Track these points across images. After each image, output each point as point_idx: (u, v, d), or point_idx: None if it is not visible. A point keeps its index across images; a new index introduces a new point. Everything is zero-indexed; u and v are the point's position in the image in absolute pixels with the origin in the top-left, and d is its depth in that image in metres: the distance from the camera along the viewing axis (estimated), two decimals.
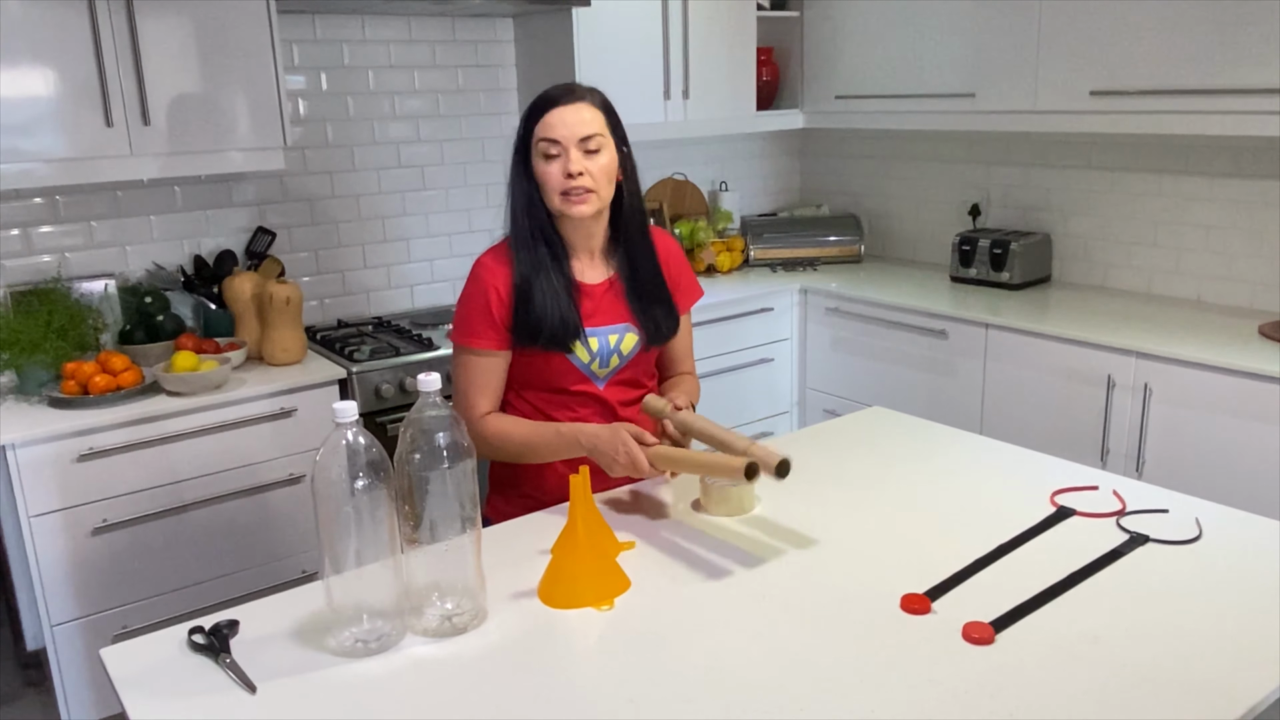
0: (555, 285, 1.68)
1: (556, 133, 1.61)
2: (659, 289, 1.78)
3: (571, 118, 1.61)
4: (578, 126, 1.61)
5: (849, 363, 3.37)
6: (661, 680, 1.18)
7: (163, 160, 2.48)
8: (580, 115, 1.62)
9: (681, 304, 1.85)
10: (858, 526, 1.56)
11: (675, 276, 1.84)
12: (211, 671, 1.23)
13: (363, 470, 1.22)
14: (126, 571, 2.37)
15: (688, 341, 1.92)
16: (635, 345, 1.76)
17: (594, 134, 1.62)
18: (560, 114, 1.61)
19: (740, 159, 4.04)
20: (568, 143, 1.61)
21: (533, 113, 1.64)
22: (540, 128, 1.62)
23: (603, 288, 1.75)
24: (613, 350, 1.75)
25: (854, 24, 3.49)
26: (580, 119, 1.61)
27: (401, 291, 3.29)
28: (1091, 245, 3.25)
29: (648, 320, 1.76)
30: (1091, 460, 2.70)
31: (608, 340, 1.74)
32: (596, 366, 1.75)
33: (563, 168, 1.62)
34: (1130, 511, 1.58)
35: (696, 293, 1.90)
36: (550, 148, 1.62)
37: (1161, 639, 1.22)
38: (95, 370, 2.35)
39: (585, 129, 1.62)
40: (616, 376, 1.78)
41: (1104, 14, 2.76)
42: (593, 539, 1.40)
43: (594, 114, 1.64)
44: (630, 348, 1.76)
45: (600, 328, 1.74)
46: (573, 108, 1.62)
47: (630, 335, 1.75)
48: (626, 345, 1.76)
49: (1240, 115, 2.52)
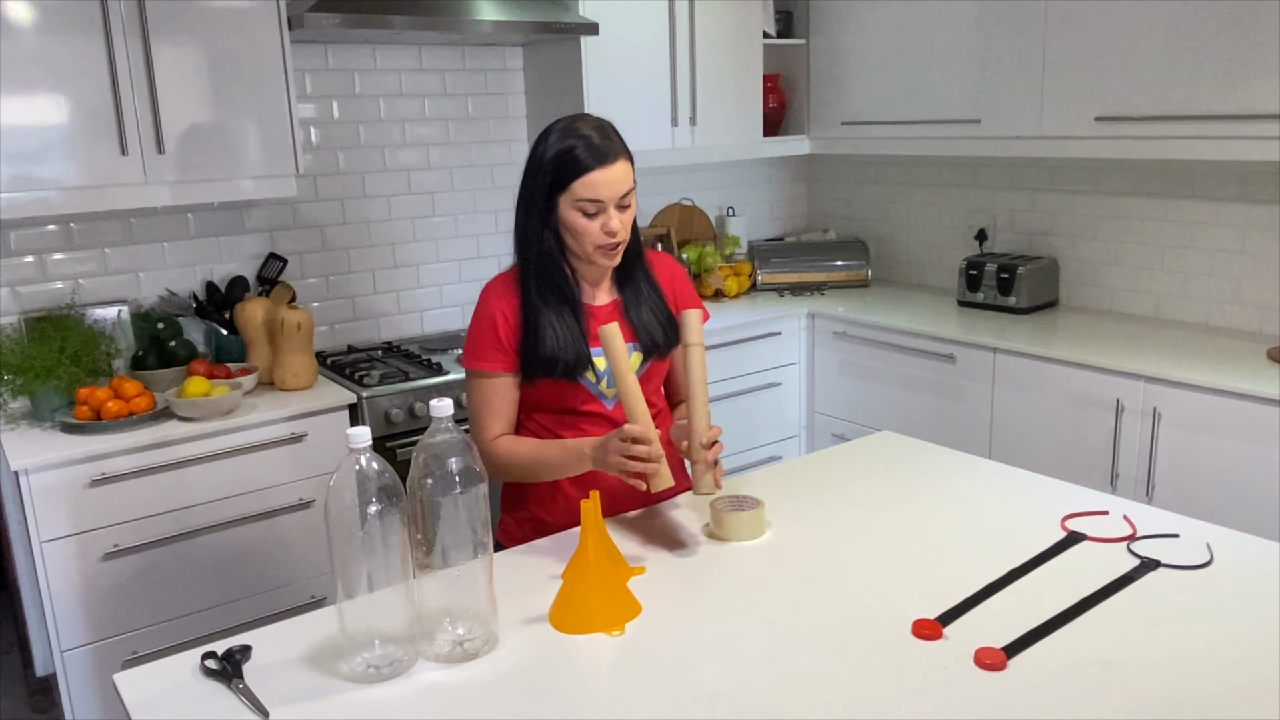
0: (564, 316, 1.71)
1: (600, 194, 1.63)
2: (658, 305, 1.81)
3: (614, 178, 1.63)
4: (619, 185, 1.64)
5: (857, 387, 3.37)
6: (672, 706, 1.17)
7: (176, 188, 2.51)
8: (619, 174, 1.64)
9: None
10: (868, 552, 1.56)
11: (678, 296, 1.87)
12: (224, 697, 1.23)
13: (375, 495, 1.22)
14: (137, 597, 2.37)
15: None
16: (642, 363, 1.78)
17: (629, 190, 1.66)
18: (604, 176, 1.62)
19: (747, 185, 4.06)
20: (609, 202, 1.64)
21: (570, 165, 1.63)
22: (582, 187, 1.63)
23: (608, 309, 1.78)
24: None
25: (860, 51, 3.52)
26: (619, 178, 1.64)
27: (411, 317, 3.31)
28: (1099, 270, 3.25)
29: (647, 336, 1.78)
30: (1101, 485, 2.69)
31: None
32: (605, 386, 1.76)
33: (604, 225, 1.65)
34: (1141, 536, 1.58)
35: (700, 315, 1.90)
36: (589, 206, 1.64)
37: (1173, 665, 1.22)
38: (108, 396, 2.36)
39: (624, 187, 1.65)
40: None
41: (1109, 40, 2.78)
42: (603, 564, 1.40)
43: (626, 169, 1.66)
44: (637, 366, 1.77)
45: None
46: (616, 169, 1.64)
47: (636, 354, 1.77)
48: (634, 364, 1.77)
49: (1246, 140, 2.53)
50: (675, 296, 1.87)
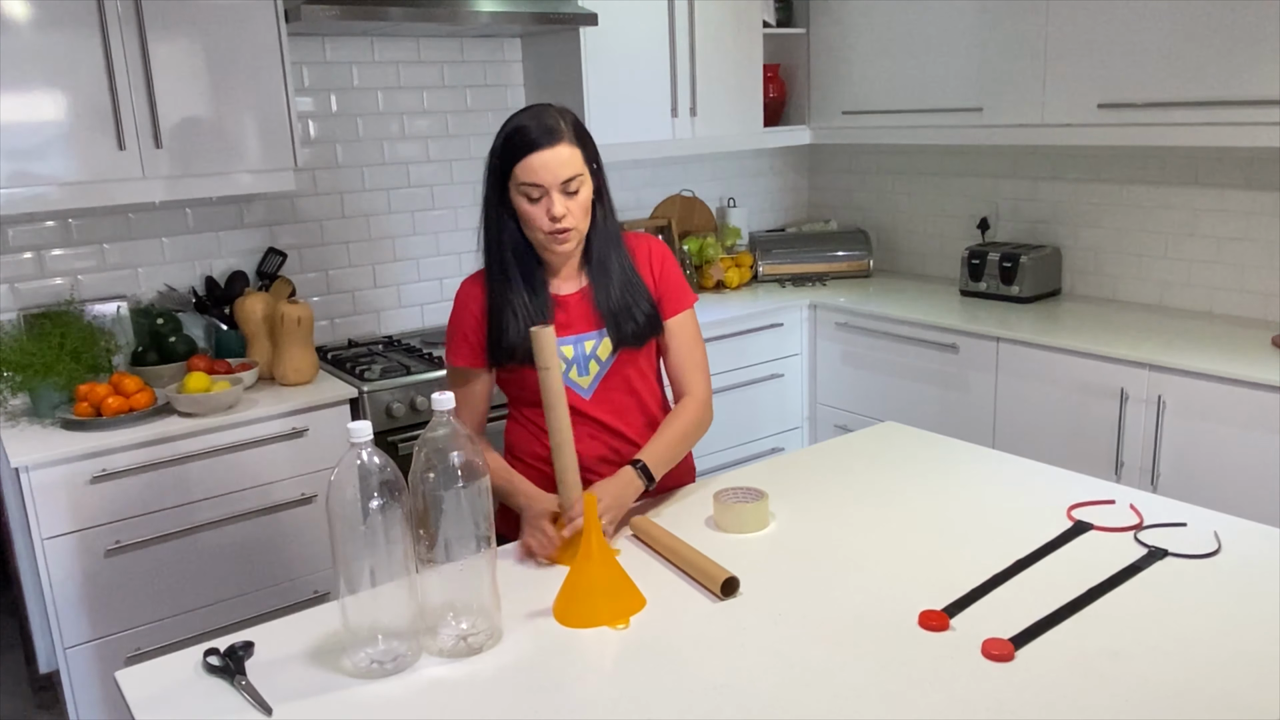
0: (526, 305, 1.71)
1: (539, 178, 1.61)
2: (631, 291, 1.76)
3: (553, 161, 1.60)
4: (559, 170, 1.61)
5: (860, 378, 3.36)
6: (678, 699, 1.17)
7: (174, 182, 2.50)
8: (560, 158, 1.61)
9: (666, 309, 1.81)
10: (873, 543, 1.55)
11: (659, 279, 1.81)
12: (227, 694, 1.23)
13: (377, 490, 1.22)
14: (139, 593, 2.37)
15: (690, 355, 1.83)
16: (611, 352, 1.76)
17: (574, 175, 1.63)
18: (541, 158, 1.60)
19: (748, 175, 4.05)
20: (550, 187, 1.62)
21: (511, 150, 1.63)
22: (521, 170, 1.62)
23: (575, 298, 1.76)
24: (589, 356, 1.76)
25: (860, 40, 3.50)
26: (560, 161, 1.61)
27: (412, 310, 3.30)
28: (1102, 258, 3.24)
29: (613, 322, 1.75)
30: (1105, 474, 2.68)
31: (583, 347, 1.75)
32: (576, 375, 1.76)
33: (546, 210, 1.63)
34: (1148, 525, 1.57)
35: (686, 298, 1.83)
36: (532, 191, 1.62)
37: (1182, 654, 1.21)
38: (108, 392, 2.36)
39: (566, 171, 1.61)
40: (604, 384, 1.78)
41: (1111, 26, 2.76)
42: (607, 558, 1.39)
43: (572, 152, 1.62)
44: (608, 354, 1.76)
45: (573, 336, 1.75)
46: (553, 151, 1.60)
47: (606, 341, 1.76)
48: (604, 351, 1.76)
49: (1249, 127, 2.51)
50: (658, 279, 1.81)
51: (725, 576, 1.40)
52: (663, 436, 1.75)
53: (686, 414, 1.80)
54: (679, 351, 1.82)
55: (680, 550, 1.50)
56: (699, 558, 1.46)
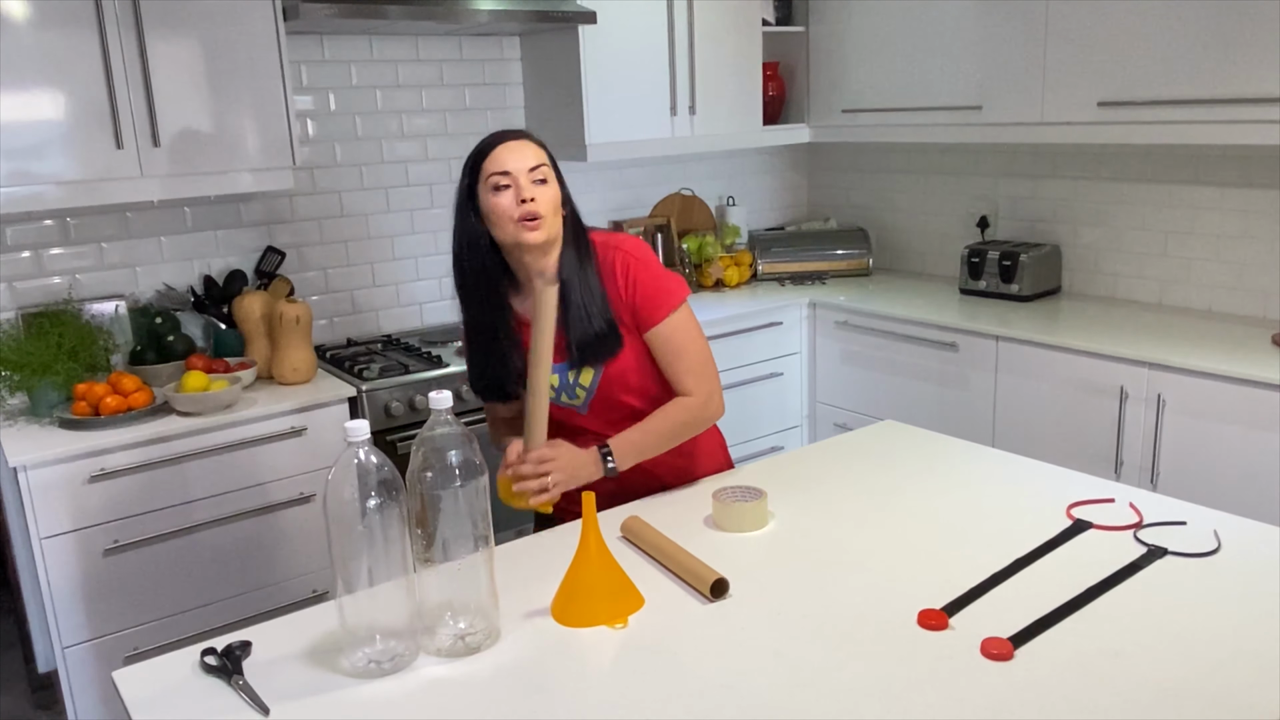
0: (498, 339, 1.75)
1: (507, 164, 1.67)
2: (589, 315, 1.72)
3: (517, 151, 1.69)
4: (525, 158, 1.69)
5: (859, 376, 3.36)
6: (676, 699, 1.16)
7: (172, 181, 2.50)
8: (526, 149, 1.70)
9: (643, 321, 1.76)
10: (873, 542, 1.55)
11: (629, 293, 1.75)
12: (224, 693, 1.22)
13: (375, 489, 1.21)
14: (138, 593, 2.36)
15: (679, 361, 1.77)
16: (595, 374, 1.76)
17: (540, 164, 1.69)
18: (507, 149, 1.69)
19: (747, 174, 4.04)
20: (518, 173, 1.67)
21: (479, 155, 1.72)
22: (489, 163, 1.69)
23: None
24: (573, 384, 1.78)
25: (859, 38, 3.50)
26: (525, 152, 1.69)
27: (411, 309, 3.30)
28: (1101, 256, 3.24)
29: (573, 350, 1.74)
30: (1105, 472, 2.68)
31: (566, 376, 1.77)
32: (566, 399, 1.79)
33: (515, 196, 1.67)
34: (1147, 524, 1.57)
35: (664, 305, 1.75)
36: (501, 179, 1.67)
37: (1182, 653, 1.21)
38: (106, 391, 2.35)
39: (533, 159, 1.69)
40: (597, 400, 1.78)
41: (1111, 25, 2.76)
42: (605, 557, 1.39)
43: (536, 150, 1.71)
44: (590, 379, 1.77)
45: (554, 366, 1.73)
46: (517, 144, 1.70)
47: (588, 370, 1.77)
48: (585, 378, 1.77)
49: (1249, 125, 2.51)
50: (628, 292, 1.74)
51: (714, 578, 1.40)
52: (641, 427, 1.75)
53: (674, 410, 1.77)
54: (665, 360, 1.78)
55: (669, 551, 1.50)
56: (688, 558, 1.46)
